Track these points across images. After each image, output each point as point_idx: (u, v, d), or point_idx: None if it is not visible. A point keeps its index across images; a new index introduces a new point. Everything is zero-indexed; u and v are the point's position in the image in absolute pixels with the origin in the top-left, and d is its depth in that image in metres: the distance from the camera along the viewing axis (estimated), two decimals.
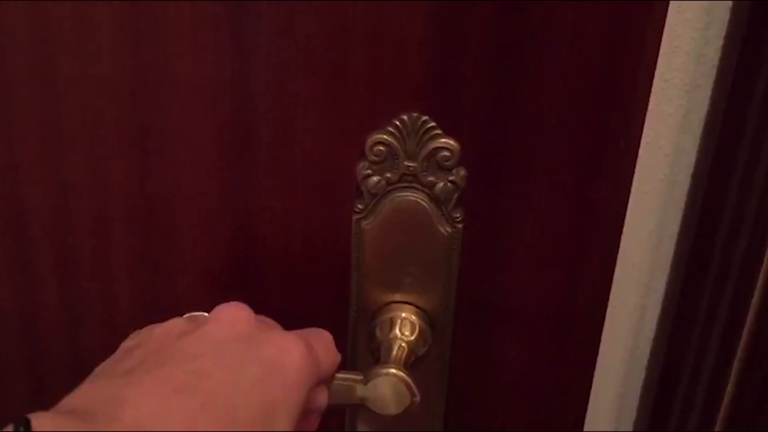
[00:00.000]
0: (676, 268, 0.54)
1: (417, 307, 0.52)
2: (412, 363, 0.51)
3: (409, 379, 0.47)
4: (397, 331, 0.51)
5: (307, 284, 0.54)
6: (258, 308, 0.42)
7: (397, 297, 0.53)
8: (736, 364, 0.50)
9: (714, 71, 0.48)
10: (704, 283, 0.51)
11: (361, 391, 0.47)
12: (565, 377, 0.55)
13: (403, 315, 0.52)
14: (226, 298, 0.42)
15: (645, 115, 0.48)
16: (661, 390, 0.57)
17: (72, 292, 0.57)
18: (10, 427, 0.32)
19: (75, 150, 0.52)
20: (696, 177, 0.51)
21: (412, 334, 0.51)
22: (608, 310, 0.55)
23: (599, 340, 0.55)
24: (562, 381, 0.56)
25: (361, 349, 0.54)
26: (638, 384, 0.60)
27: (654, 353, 0.58)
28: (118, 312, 0.57)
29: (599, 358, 0.57)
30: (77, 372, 0.38)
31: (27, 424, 0.32)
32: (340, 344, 0.45)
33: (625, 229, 0.52)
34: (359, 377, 0.47)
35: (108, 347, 0.59)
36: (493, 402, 0.57)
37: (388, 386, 0.47)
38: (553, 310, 0.53)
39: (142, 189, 0.52)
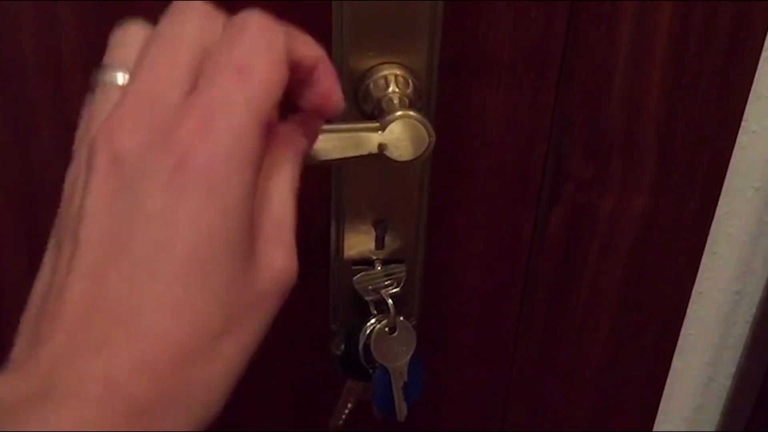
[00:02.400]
0: None
1: (404, 65, 0.53)
2: None
3: (425, 119, 0.47)
4: (393, 86, 0.51)
5: None
6: None
7: (384, 58, 0.52)
8: None
9: None
10: None
11: (378, 138, 0.47)
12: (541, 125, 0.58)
13: (396, 72, 0.52)
14: None
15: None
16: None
17: None
18: None
19: None
20: None
21: (407, 89, 0.52)
22: (691, 297, 0.44)
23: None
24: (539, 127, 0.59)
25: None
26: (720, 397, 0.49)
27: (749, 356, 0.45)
28: None
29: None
30: None
31: None
32: None
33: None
34: (374, 124, 0.47)
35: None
36: (475, 155, 0.59)
37: (406, 128, 0.47)
38: (530, 56, 0.55)
39: None
